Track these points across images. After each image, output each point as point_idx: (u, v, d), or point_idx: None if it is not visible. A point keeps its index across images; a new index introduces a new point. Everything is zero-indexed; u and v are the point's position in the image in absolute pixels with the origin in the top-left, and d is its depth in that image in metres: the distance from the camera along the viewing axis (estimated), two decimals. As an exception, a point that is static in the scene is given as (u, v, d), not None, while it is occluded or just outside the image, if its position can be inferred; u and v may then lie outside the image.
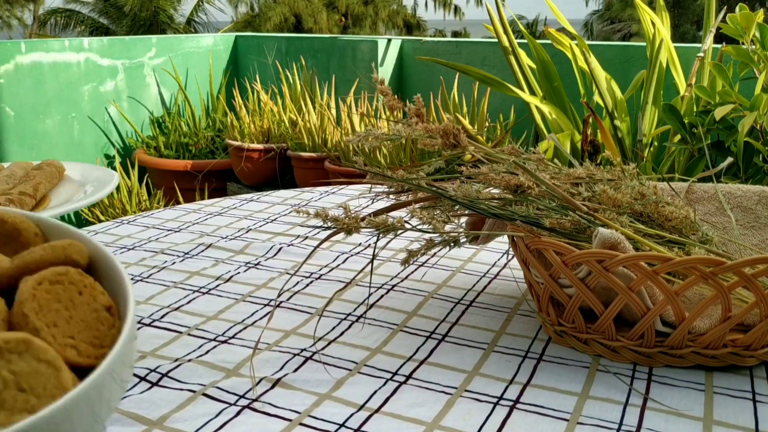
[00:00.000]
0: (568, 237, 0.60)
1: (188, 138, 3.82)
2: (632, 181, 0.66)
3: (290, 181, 3.61)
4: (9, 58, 3.29)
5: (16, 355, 0.23)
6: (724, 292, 0.54)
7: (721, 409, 0.54)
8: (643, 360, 0.60)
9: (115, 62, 3.78)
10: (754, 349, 0.58)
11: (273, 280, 0.79)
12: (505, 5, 2.43)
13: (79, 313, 0.27)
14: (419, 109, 0.68)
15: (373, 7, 20.18)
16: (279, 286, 0.77)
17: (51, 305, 0.26)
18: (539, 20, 23.96)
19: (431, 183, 0.65)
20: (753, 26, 1.38)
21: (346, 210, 0.64)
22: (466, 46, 3.52)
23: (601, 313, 0.59)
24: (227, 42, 4.35)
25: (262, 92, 3.63)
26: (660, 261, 0.54)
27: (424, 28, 22.96)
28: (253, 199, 1.15)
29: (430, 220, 0.60)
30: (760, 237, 0.72)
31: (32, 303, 0.26)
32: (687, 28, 18.71)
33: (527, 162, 0.66)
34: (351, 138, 0.67)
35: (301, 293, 0.76)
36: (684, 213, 0.62)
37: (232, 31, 7.55)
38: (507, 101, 3.11)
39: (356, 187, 1.23)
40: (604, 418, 0.53)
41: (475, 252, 0.89)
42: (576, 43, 2.29)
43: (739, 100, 1.40)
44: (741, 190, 0.75)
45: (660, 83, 2.15)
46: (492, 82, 2.35)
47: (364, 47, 3.75)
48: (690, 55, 2.37)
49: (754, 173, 1.41)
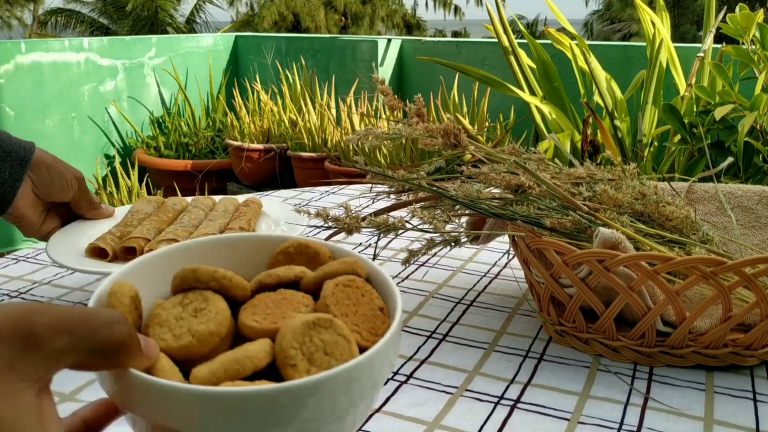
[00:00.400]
0: (569, 237, 0.60)
1: (188, 138, 3.82)
2: (633, 181, 0.66)
3: (290, 181, 3.62)
4: (9, 58, 3.29)
5: (323, 329, 0.33)
6: (724, 291, 0.54)
7: (722, 409, 0.54)
8: (643, 360, 0.60)
9: (115, 62, 3.79)
10: (755, 348, 0.58)
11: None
12: (505, 5, 2.43)
13: (362, 309, 0.36)
14: (420, 108, 0.68)
15: (371, 6, 20.18)
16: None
17: (343, 302, 0.36)
18: (539, 20, 23.97)
19: (432, 183, 0.65)
20: (753, 26, 1.38)
21: (346, 210, 0.64)
22: (466, 46, 3.52)
23: (601, 313, 0.59)
24: (227, 42, 4.35)
25: (262, 92, 3.63)
26: (661, 261, 0.54)
27: (424, 28, 22.97)
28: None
29: (430, 219, 0.61)
30: (760, 237, 0.72)
31: (332, 298, 0.36)
32: (687, 28, 18.72)
33: (528, 162, 0.66)
34: (351, 137, 0.67)
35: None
36: (685, 213, 0.63)
37: (232, 30, 7.55)
38: (507, 101, 3.11)
39: (356, 187, 1.23)
40: (605, 418, 0.53)
41: (475, 252, 0.89)
42: (576, 43, 2.29)
43: (739, 100, 1.40)
44: (741, 190, 0.75)
45: (660, 83, 2.15)
46: (492, 82, 2.35)
47: (364, 47, 3.75)
48: (690, 55, 2.37)
49: (754, 173, 1.42)
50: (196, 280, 0.36)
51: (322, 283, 0.37)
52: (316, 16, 18.70)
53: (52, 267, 0.84)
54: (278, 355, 0.32)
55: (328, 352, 0.32)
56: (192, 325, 0.34)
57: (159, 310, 0.35)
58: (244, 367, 0.31)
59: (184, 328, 0.34)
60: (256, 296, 0.37)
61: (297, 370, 0.31)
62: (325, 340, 0.33)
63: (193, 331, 0.34)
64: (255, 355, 0.31)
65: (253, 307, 0.36)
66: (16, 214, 0.69)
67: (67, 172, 0.72)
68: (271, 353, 0.32)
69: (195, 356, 0.33)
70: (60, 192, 0.72)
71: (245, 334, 0.35)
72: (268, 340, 0.33)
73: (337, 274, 0.38)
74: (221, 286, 0.36)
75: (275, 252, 0.41)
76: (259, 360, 0.31)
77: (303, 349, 0.32)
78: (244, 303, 0.37)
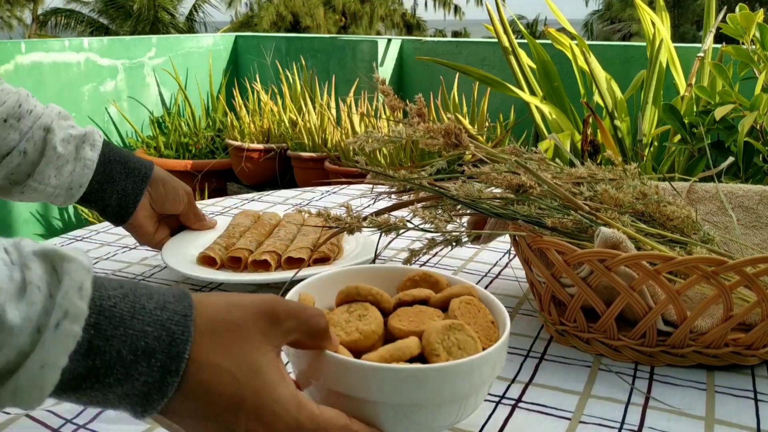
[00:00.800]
0: (570, 236, 0.60)
1: (188, 138, 3.82)
2: (634, 181, 0.66)
3: (290, 181, 3.62)
4: (9, 58, 3.29)
5: (457, 331, 0.45)
6: (725, 291, 0.54)
7: (723, 408, 0.54)
8: (644, 359, 0.60)
9: (115, 62, 3.79)
10: (756, 348, 0.58)
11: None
12: (505, 5, 2.43)
13: (479, 321, 0.48)
14: (421, 109, 0.68)
15: (370, 5, 20.15)
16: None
17: (466, 314, 0.48)
18: (539, 20, 23.95)
19: (433, 183, 0.65)
20: (753, 26, 1.38)
21: (348, 209, 0.64)
22: (466, 46, 3.52)
23: (602, 313, 0.59)
24: (227, 42, 4.35)
25: (262, 92, 3.63)
26: (662, 260, 0.54)
27: (424, 28, 22.96)
28: (255, 199, 1.15)
29: (432, 219, 0.61)
30: (761, 236, 0.72)
31: (458, 311, 0.48)
32: (687, 28, 18.72)
33: (529, 162, 0.67)
34: (352, 140, 0.67)
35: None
36: (685, 213, 0.63)
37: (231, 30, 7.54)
38: (507, 101, 3.11)
39: (357, 186, 1.23)
40: (606, 417, 0.53)
41: (476, 251, 0.89)
42: (576, 43, 2.29)
43: (739, 100, 1.40)
44: (742, 189, 0.75)
45: (660, 83, 2.15)
46: (492, 82, 2.35)
47: (364, 47, 3.75)
48: (690, 55, 2.37)
49: (754, 173, 1.42)
50: (358, 294, 0.49)
51: (448, 301, 0.50)
52: (316, 15, 18.68)
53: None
54: (426, 348, 0.44)
55: (461, 348, 0.44)
56: (359, 326, 0.46)
57: (331, 315, 0.48)
58: (404, 353, 0.43)
59: (353, 328, 0.46)
60: (398, 309, 0.49)
61: (440, 358, 0.43)
62: (459, 338, 0.44)
63: (360, 330, 0.46)
64: (410, 346, 0.43)
65: (398, 316, 0.48)
66: (135, 224, 0.78)
67: (179, 187, 0.81)
68: (420, 346, 0.44)
69: (360, 349, 0.45)
70: (172, 205, 0.81)
71: (394, 335, 0.47)
72: (416, 338, 0.45)
73: (459, 294, 0.50)
74: (375, 300, 0.49)
75: (404, 279, 0.55)
76: (412, 350, 0.43)
77: (443, 344, 0.44)
78: (389, 314, 0.49)
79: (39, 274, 0.32)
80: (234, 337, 0.37)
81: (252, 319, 0.38)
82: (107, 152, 0.75)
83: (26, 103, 0.70)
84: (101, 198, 0.75)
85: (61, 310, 0.31)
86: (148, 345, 0.34)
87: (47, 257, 0.33)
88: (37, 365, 0.31)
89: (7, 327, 0.30)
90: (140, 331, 0.34)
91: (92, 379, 0.34)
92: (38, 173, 0.70)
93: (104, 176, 0.74)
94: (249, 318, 0.38)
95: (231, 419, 0.36)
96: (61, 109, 0.74)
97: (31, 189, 0.71)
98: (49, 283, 0.32)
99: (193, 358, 0.36)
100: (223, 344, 0.37)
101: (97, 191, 0.74)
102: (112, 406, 0.36)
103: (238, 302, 0.39)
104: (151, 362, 0.34)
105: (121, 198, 0.76)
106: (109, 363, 0.34)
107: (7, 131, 0.69)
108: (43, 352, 0.31)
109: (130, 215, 0.77)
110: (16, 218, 3.36)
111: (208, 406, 0.36)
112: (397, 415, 0.43)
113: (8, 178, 0.71)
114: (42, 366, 0.31)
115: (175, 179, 0.81)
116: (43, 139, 0.70)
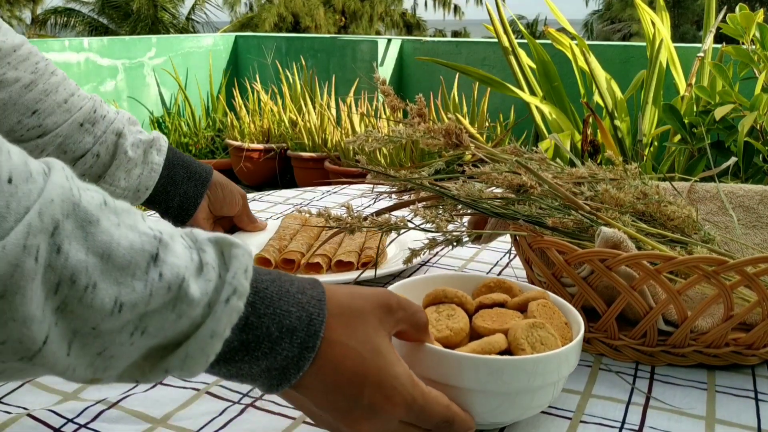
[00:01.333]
0: (571, 236, 0.60)
1: (188, 138, 3.82)
2: (635, 181, 0.66)
3: (290, 180, 3.62)
4: (9, 57, 3.29)
5: (540, 329, 0.49)
6: (726, 291, 0.54)
7: (724, 408, 0.54)
8: (645, 359, 0.60)
9: (115, 62, 3.79)
10: (756, 347, 0.58)
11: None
12: (505, 5, 2.43)
13: (554, 322, 0.53)
14: (421, 109, 0.68)
15: (369, 4, 20.14)
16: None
17: (543, 315, 0.52)
18: (539, 20, 23.94)
19: (434, 182, 0.65)
20: (753, 26, 1.38)
21: (348, 209, 0.64)
22: (466, 46, 3.53)
23: (603, 312, 0.59)
24: (227, 42, 4.35)
25: (262, 92, 3.63)
26: (662, 260, 0.54)
27: (423, 28, 22.95)
28: (255, 199, 1.15)
29: (432, 219, 0.61)
30: (762, 236, 0.72)
31: (537, 312, 0.52)
32: (687, 28, 18.71)
33: (529, 162, 0.67)
34: (352, 139, 0.67)
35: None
36: (686, 212, 0.63)
37: (231, 30, 7.53)
38: (507, 101, 3.11)
39: (358, 186, 1.23)
40: (607, 417, 0.53)
41: (477, 251, 0.89)
42: (576, 43, 2.29)
43: (739, 100, 1.40)
44: (743, 189, 0.75)
45: (660, 83, 2.15)
46: (492, 82, 2.36)
47: (364, 47, 3.76)
48: (690, 55, 2.37)
49: (754, 173, 1.42)
50: (445, 296, 0.54)
51: (524, 304, 0.54)
52: (316, 15, 18.67)
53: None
54: (512, 343, 0.49)
55: (543, 343, 0.49)
56: (448, 323, 0.51)
57: None
58: (494, 347, 0.48)
59: (443, 325, 0.51)
60: (480, 311, 0.54)
61: (525, 352, 0.48)
62: (541, 335, 0.49)
63: (450, 327, 0.51)
64: (499, 341, 0.48)
65: (482, 317, 0.53)
66: (194, 225, 0.79)
67: (235, 191, 0.86)
68: (506, 342, 0.49)
69: (451, 344, 0.50)
70: (229, 207, 0.85)
71: (480, 333, 0.51)
72: (502, 335, 0.49)
73: (535, 298, 0.54)
74: (460, 302, 0.53)
75: (480, 285, 0.59)
76: (500, 345, 0.48)
77: (528, 340, 0.48)
78: (471, 315, 0.54)
79: (213, 257, 0.36)
80: (358, 321, 0.42)
81: (371, 307, 0.43)
82: (171, 156, 0.79)
83: (100, 109, 0.75)
84: (164, 200, 0.79)
85: (231, 287, 0.36)
86: (291, 323, 0.39)
87: (218, 243, 0.37)
88: (207, 335, 0.35)
89: (188, 299, 0.34)
90: (286, 311, 0.39)
91: (243, 352, 0.38)
92: (109, 175, 0.74)
93: (168, 179, 0.78)
94: (369, 306, 0.43)
95: (356, 392, 0.41)
96: (130, 115, 0.79)
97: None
98: (220, 265, 0.36)
99: (326, 337, 0.40)
100: (350, 326, 0.41)
101: (161, 193, 0.78)
102: (252, 380, 0.39)
103: (359, 292, 0.43)
104: (293, 339, 0.39)
105: (182, 200, 0.80)
106: (259, 338, 0.38)
107: (83, 135, 0.73)
108: (213, 323, 0.35)
109: (191, 217, 0.81)
110: (16, 218, 3.35)
111: (337, 380, 0.40)
112: (489, 403, 0.47)
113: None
114: (212, 335, 0.35)
115: (232, 183, 0.86)
116: (115, 143, 0.74)
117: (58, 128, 0.71)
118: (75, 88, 0.75)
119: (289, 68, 3.92)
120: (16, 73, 0.69)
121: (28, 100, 0.70)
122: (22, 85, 0.70)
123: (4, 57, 0.69)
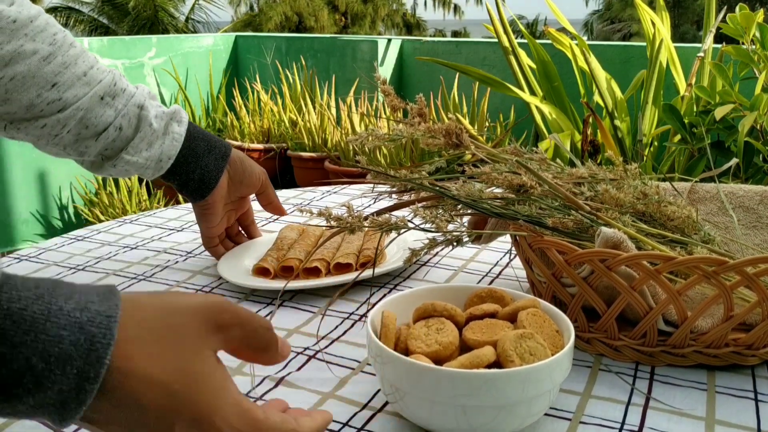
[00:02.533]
0: (571, 236, 0.60)
1: (188, 138, 3.81)
2: (635, 181, 0.66)
3: (290, 180, 3.62)
4: (9, 57, 3.28)
5: (528, 339, 0.49)
6: (726, 291, 0.54)
7: (723, 409, 0.54)
8: (645, 359, 0.60)
9: (115, 62, 3.78)
10: (756, 348, 0.58)
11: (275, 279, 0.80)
12: (505, 5, 2.43)
13: (545, 331, 0.52)
14: (422, 108, 0.68)
15: (372, 6, 20.16)
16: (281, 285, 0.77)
17: (533, 324, 0.52)
18: (539, 20, 23.95)
19: (434, 182, 0.65)
20: (753, 26, 1.38)
21: (349, 209, 0.64)
22: (466, 46, 3.53)
23: (603, 313, 0.59)
24: (227, 42, 4.35)
25: (262, 92, 3.63)
26: (662, 260, 0.54)
27: (423, 28, 22.96)
28: (255, 199, 1.15)
29: (433, 219, 0.61)
30: (762, 237, 0.72)
31: (527, 321, 0.52)
32: (687, 28, 18.71)
33: (529, 162, 0.67)
34: (352, 138, 0.67)
35: (304, 292, 0.76)
36: (686, 213, 0.63)
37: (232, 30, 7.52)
38: (507, 101, 3.11)
39: (358, 186, 1.23)
40: (607, 418, 0.53)
41: (477, 251, 0.89)
42: (576, 43, 2.29)
43: (739, 100, 1.40)
44: (743, 190, 0.75)
45: (660, 83, 2.15)
46: (492, 82, 2.36)
47: (364, 47, 3.75)
48: (690, 55, 2.37)
49: (754, 173, 1.42)
50: (434, 310, 0.54)
51: (514, 313, 0.54)
52: (320, 16, 18.68)
53: (54, 266, 0.85)
54: (501, 355, 0.48)
55: (532, 354, 0.49)
56: (437, 338, 0.51)
57: (412, 330, 0.53)
58: (482, 361, 0.48)
59: (432, 340, 0.51)
60: (470, 322, 0.54)
61: (515, 364, 0.47)
62: (530, 346, 0.49)
63: (439, 342, 0.50)
64: (487, 354, 0.48)
65: (471, 329, 0.53)
66: (210, 201, 0.81)
67: (255, 168, 0.84)
68: (495, 354, 0.49)
69: (441, 358, 0.50)
70: (249, 183, 0.84)
71: (470, 345, 0.51)
72: (491, 347, 0.49)
73: (525, 307, 0.54)
74: (450, 315, 0.53)
75: (471, 295, 0.59)
76: (489, 357, 0.48)
77: (517, 351, 0.48)
78: (462, 327, 0.53)
79: None
80: (169, 343, 0.35)
81: (191, 324, 0.36)
82: (191, 129, 0.78)
83: (120, 82, 0.73)
84: (185, 171, 0.78)
85: None
86: (63, 350, 0.31)
87: None
88: None
89: None
90: (54, 336, 0.31)
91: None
92: (132, 147, 0.74)
93: (189, 151, 0.77)
94: (188, 322, 0.36)
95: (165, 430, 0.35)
96: (149, 89, 0.78)
97: (124, 162, 0.74)
98: None
99: (118, 366, 0.33)
100: (155, 351, 0.34)
101: (182, 164, 0.78)
102: (25, 417, 0.33)
103: (177, 306, 0.37)
104: (66, 369, 0.31)
105: (203, 173, 0.79)
106: (16, 372, 0.31)
107: (104, 108, 0.71)
108: None
109: (210, 191, 0.79)
110: (16, 218, 3.35)
111: (142, 418, 0.34)
112: (485, 415, 0.47)
113: (102, 154, 0.74)
114: None
115: (252, 161, 0.84)
116: (137, 115, 0.74)
117: (78, 101, 0.70)
118: (94, 60, 0.73)
119: (289, 68, 3.92)
120: (33, 45, 0.67)
121: (47, 73, 0.68)
122: (40, 57, 0.67)
123: (21, 28, 0.66)
